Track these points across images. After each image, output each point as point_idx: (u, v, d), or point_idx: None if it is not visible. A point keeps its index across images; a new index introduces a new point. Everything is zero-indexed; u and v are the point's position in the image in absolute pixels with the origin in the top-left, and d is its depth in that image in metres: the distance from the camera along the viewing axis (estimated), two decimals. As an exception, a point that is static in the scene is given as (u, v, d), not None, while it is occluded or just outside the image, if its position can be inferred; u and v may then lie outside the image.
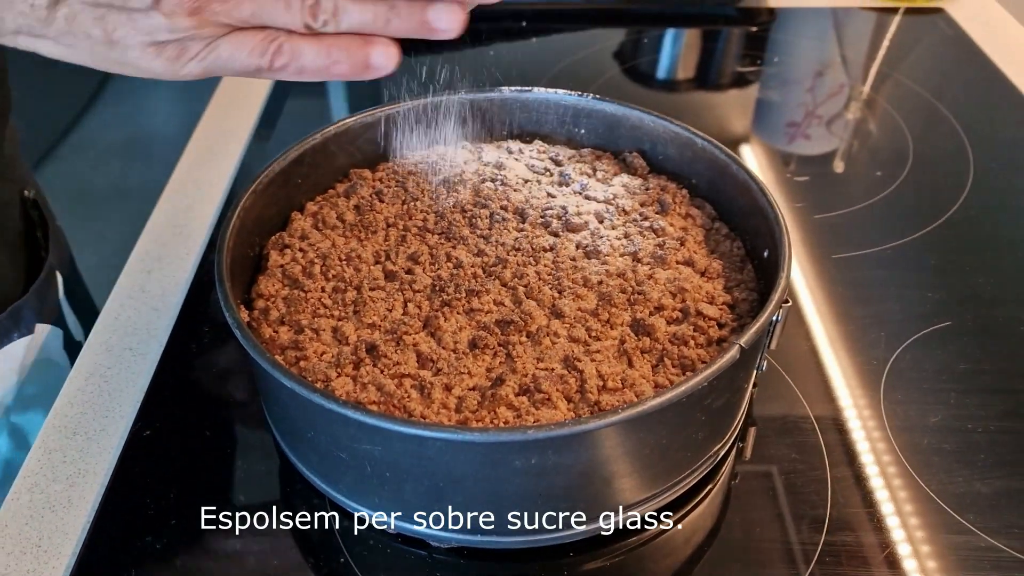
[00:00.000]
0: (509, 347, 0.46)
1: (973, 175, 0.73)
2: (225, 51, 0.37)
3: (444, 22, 0.37)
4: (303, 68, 0.37)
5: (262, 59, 0.37)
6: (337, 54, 0.37)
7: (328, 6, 0.36)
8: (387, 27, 0.37)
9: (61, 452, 0.51)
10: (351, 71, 0.38)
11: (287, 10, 0.36)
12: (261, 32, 0.37)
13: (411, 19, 0.37)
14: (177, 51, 0.37)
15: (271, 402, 0.49)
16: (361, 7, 0.36)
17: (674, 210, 0.56)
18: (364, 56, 0.37)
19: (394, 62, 0.38)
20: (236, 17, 0.36)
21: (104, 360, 0.57)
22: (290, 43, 0.37)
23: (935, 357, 0.56)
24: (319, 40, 0.37)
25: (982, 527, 0.47)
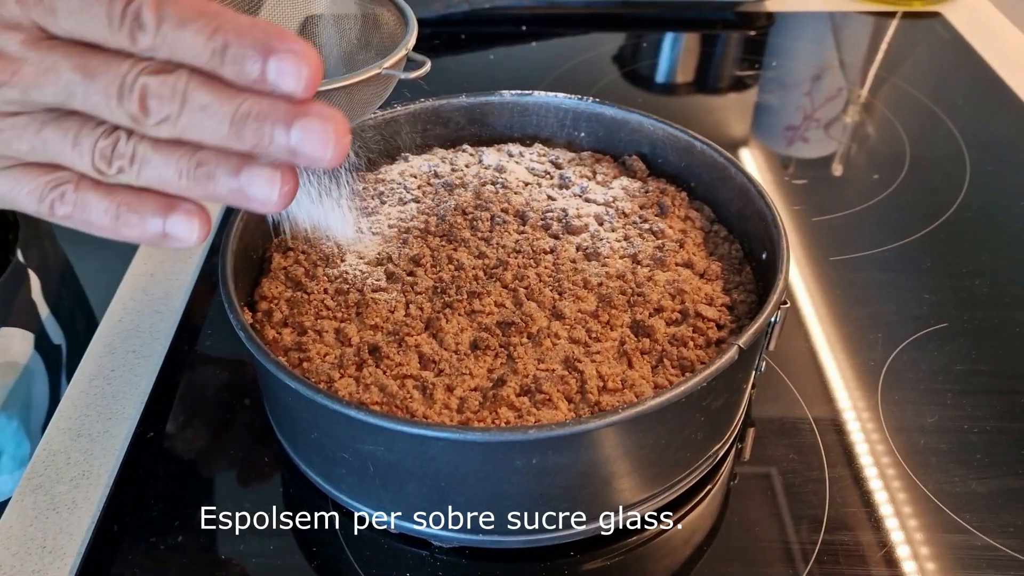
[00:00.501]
0: (510, 348, 0.46)
1: (969, 178, 0.73)
2: (3, 186, 0.31)
3: (260, 190, 0.30)
4: (89, 223, 0.31)
5: (41, 204, 0.31)
6: (127, 216, 0.30)
7: (126, 151, 0.29)
8: (191, 187, 0.30)
9: (65, 454, 0.51)
10: (142, 236, 0.31)
11: (74, 148, 0.30)
12: (48, 172, 0.31)
13: (221, 181, 0.30)
14: None
15: (274, 403, 0.49)
16: (164, 158, 0.29)
17: (673, 212, 0.56)
18: (159, 222, 0.30)
19: (197, 235, 0.31)
20: (13, 149, 0.30)
21: (107, 363, 0.57)
22: (77, 192, 0.30)
23: (932, 358, 0.57)
24: (111, 193, 0.30)
25: (978, 526, 0.47)
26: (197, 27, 0.27)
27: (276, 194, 0.30)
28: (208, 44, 0.28)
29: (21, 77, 0.29)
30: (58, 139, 0.30)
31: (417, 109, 0.61)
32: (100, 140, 0.29)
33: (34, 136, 0.30)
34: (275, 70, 0.28)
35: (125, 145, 0.29)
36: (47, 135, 0.30)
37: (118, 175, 0.30)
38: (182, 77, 0.28)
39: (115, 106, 0.28)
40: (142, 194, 0.30)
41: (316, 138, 0.28)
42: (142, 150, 0.29)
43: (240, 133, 0.28)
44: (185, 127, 0.28)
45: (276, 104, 0.28)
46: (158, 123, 0.28)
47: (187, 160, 0.29)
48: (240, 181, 0.29)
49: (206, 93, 0.28)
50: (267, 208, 0.30)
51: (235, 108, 0.28)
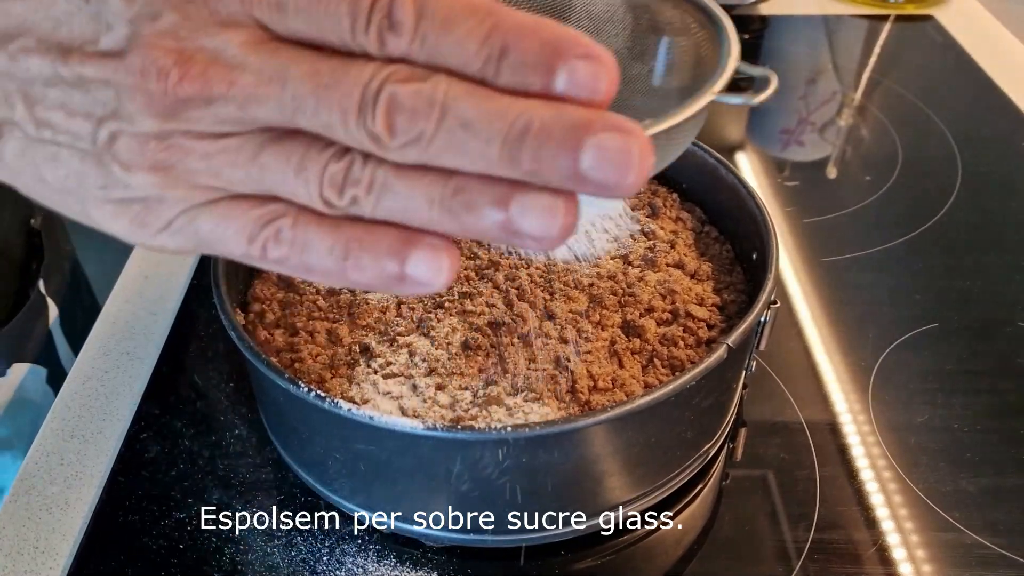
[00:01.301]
0: (501, 348, 0.47)
1: (961, 180, 0.74)
2: (205, 226, 0.25)
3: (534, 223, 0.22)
4: (309, 267, 0.25)
5: (251, 246, 0.25)
6: (358, 256, 0.24)
7: (362, 177, 0.23)
8: (444, 221, 0.23)
9: (59, 454, 0.51)
10: (374, 282, 0.24)
11: (298, 176, 0.24)
12: (260, 205, 0.25)
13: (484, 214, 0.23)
14: (142, 214, 0.26)
15: (267, 404, 0.49)
16: (411, 185, 0.23)
17: (665, 214, 0.56)
18: (398, 264, 0.24)
19: (445, 277, 0.24)
20: (225, 179, 0.24)
21: (101, 363, 0.57)
22: (295, 228, 0.24)
23: (922, 358, 0.57)
24: (336, 229, 0.24)
25: (968, 524, 0.47)
26: (468, 27, 0.22)
27: (557, 227, 0.23)
28: (481, 49, 0.22)
29: (240, 88, 0.23)
30: (279, 165, 0.24)
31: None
32: (331, 164, 0.23)
33: (250, 162, 0.24)
34: (565, 81, 0.22)
35: (361, 170, 0.23)
36: (266, 160, 0.24)
37: (352, 206, 0.24)
38: (440, 85, 0.22)
39: (353, 124, 0.22)
40: (374, 228, 0.24)
41: (614, 160, 0.21)
42: (382, 176, 0.23)
43: (515, 156, 0.22)
44: (440, 149, 0.22)
45: (562, 114, 0.22)
46: (404, 145, 0.22)
47: (440, 187, 0.23)
48: (510, 213, 0.22)
49: (471, 106, 0.22)
50: (542, 245, 0.23)
51: (510, 123, 0.22)
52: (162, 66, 0.23)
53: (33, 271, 0.64)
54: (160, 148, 0.24)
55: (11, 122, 0.25)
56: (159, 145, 0.24)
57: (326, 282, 0.27)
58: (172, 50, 0.23)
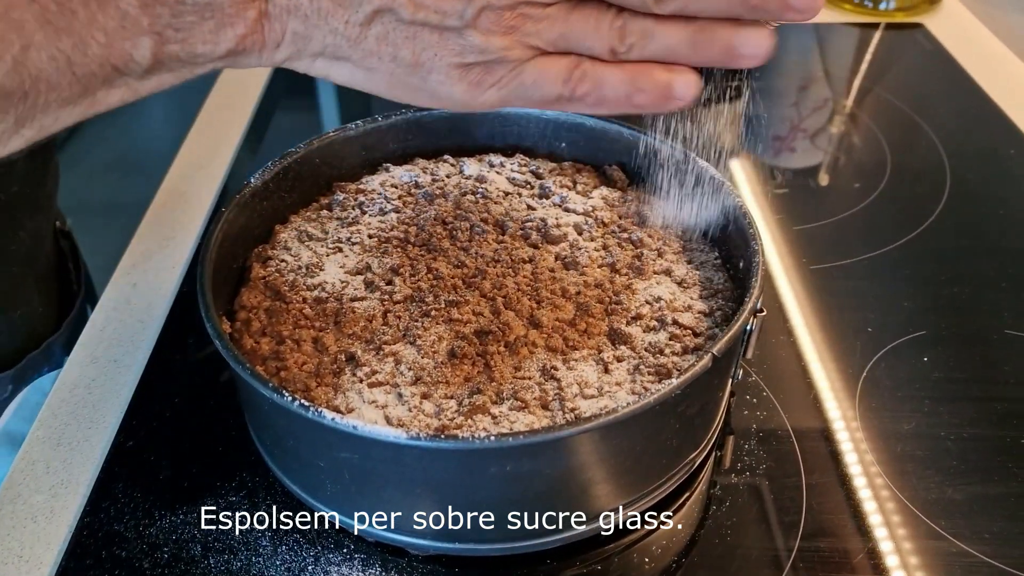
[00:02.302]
0: (487, 356, 0.47)
1: (949, 187, 0.74)
2: (529, 77, 0.35)
3: (751, 47, 0.34)
4: (604, 97, 0.36)
5: (565, 87, 0.35)
6: (642, 81, 0.35)
7: (635, 28, 0.34)
8: (692, 54, 0.35)
9: (44, 463, 0.51)
10: (653, 101, 0.36)
11: (595, 32, 0.34)
12: (565, 58, 0.35)
13: (716, 44, 0.34)
14: (481, 75, 0.35)
15: (252, 412, 0.49)
16: (669, 31, 0.34)
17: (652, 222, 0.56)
18: (667, 84, 0.35)
19: (694, 91, 0.36)
20: (546, 39, 0.34)
21: (89, 371, 0.57)
22: (594, 70, 0.35)
23: (910, 366, 0.57)
24: (622, 67, 0.35)
25: (954, 533, 0.47)
26: None
27: (766, 46, 0.35)
28: None
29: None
30: (582, 24, 0.34)
31: (398, 120, 0.61)
32: (615, 20, 0.34)
33: (563, 23, 0.34)
34: None
35: (634, 24, 0.34)
36: (574, 21, 0.34)
37: (628, 52, 0.35)
38: None
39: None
40: (645, 64, 0.35)
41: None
42: (649, 26, 0.34)
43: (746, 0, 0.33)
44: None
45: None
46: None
47: (690, 30, 0.34)
48: (736, 40, 0.34)
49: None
50: (756, 61, 0.35)
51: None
52: None
53: (72, 270, 0.66)
54: (512, 16, 0.33)
55: (387, 9, 0.33)
56: (512, 14, 0.33)
57: (615, 108, 0.37)
58: None
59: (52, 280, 0.64)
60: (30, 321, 0.62)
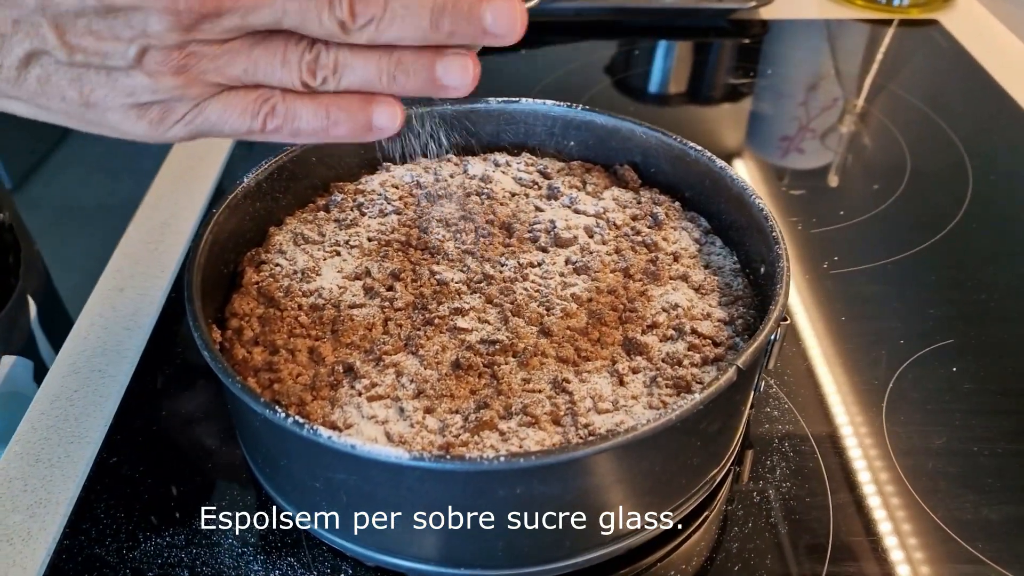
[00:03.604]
0: (494, 367, 0.44)
1: (972, 187, 0.71)
2: (214, 113, 0.33)
3: (454, 77, 0.33)
4: (298, 130, 0.34)
5: (254, 121, 0.34)
6: (336, 115, 0.34)
7: (328, 61, 0.33)
8: (391, 85, 0.33)
9: (22, 480, 0.48)
10: (351, 133, 0.34)
11: (283, 67, 0.33)
12: (253, 91, 0.33)
13: (418, 75, 0.33)
14: (161, 113, 0.33)
15: (243, 428, 0.46)
16: (364, 62, 0.33)
17: (667, 224, 0.54)
18: (366, 117, 0.34)
19: (398, 122, 0.35)
20: (228, 75, 0.33)
21: (71, 383, 0.54)
22: (285, 103, 0.34)
23: (938, 376, 0.54)
24: (316, 99, 0.34)
25: (991, 556, 0.44)
26: None
27: (470, 77, 0.33)
28: None
29: (243, 1, 0.30)
30: (268, 59, 0.32)
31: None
32: (305, 54, 0.32)
33: (246, 59, 0.32)
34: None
35: (327, 56, 0.32)
36: (257, 56, 0.32)
37: (323, 85, 0.33)
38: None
39: (326, 15, 0.31)
40: (343, 96, 0.34)
41: (507, 15, 0.32)
42: (343, 57, 0.33)
43: (439, 23, 0.31)
44: (387, 27, 0.31)
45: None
46: (363, 26, 0.31)
47: (387, 60, 0.33)
48: (437, 72, 0.33)
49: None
50: (460, 92, 0.33)
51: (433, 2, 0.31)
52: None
53: (11, 264, 0.64)
54: (181, 56, 0.31)
55: (41, 52, 0.31)
56: (180, 54, 0.31)
57: (313, 140, 0.35)
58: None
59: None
60: None
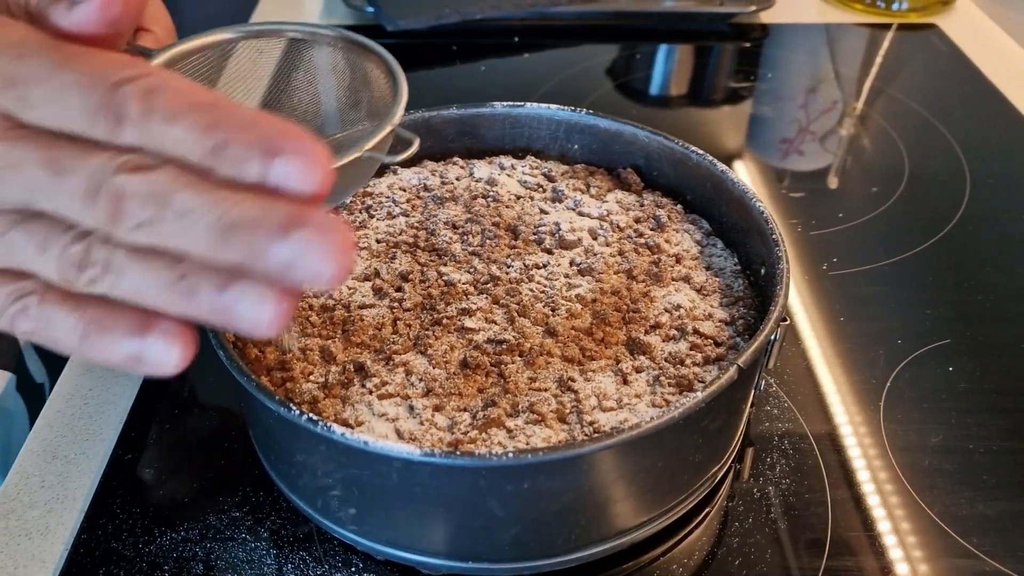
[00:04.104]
0: (501, 367, 0.45)
1: (970, 190, 0.72)
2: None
3: (246, 309, 0.25)
4: (56, 341, 0.26)
5: (2, 320, 0.27)
6: (96, 336, 0.26)
7: (98, 259, 0.25)
8: (172, 303, 0.25)
9: (39, 477, 0.49)
10: (112, 360, 0.26)
11: (41, 255, 0.25)
12: (11, 281, 0.26)
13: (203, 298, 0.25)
14: None
15: (257, 425, 0.47)
16: (142, 269, 0.25)
17: (669, 226, 0.55)
18: (134, 347, 0.26)
19: (176, 361, 0.26)
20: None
21: (85, 381, 0.55)
22: (41, 306, 0.26)
23: (935, 376, 0.55)
24: (78, 308, 0.26)
25: (987, 551, 0.45)
26: (190, 122, 0.24)
27: (266, 315, 0.25)
28: (203, 141, 0.24)
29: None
30: (23, 243, 0.26)
31: (404, 121, 0.59)
32: (71, 246, 0.25)
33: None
34: (280, 173, 0.24)
35: (98, 252, 0.25)
36: (12, 239, 0.26)
37: (90, 286, 0.25)
38: (165, 175, 0.24)
39: (85, 207, 0.24)
40: (115, 310, 0.26)
41: (315, 252, 0.24)
42: (118, 259, 0.25)
43: (227, 243, 0.24)
44: (166, 234, 0.24)
45: (271, 210, 0.24)
46: (134, 228, 0.24)
47: (167, 272, 0.25)
48: (225, 299, 0.25)
49: (191, 196, 0.24)
50: (257, 331, 0.25)
51: (222, 214, 0.24)
52: None
53: None
54: None
55: None
56: None
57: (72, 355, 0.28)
58: None
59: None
60: None
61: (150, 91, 0.24)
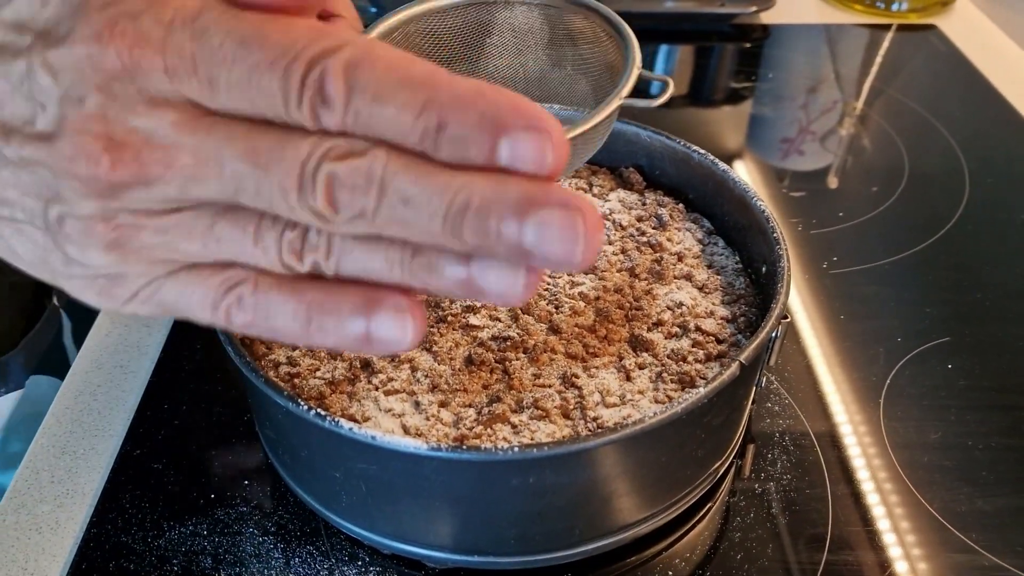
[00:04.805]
0: (506, 363, 0.45)
1: (969, 190, 0.73)
2: (170, 295, 0.25)
3: (496, 282, 0.22)
4: (275, 330, 0.24)
5: (215, 313, 0.25)
6: (320, 319, 0.24)
7: (319, 243, 0.23)
8: (411, 279, 0.23)
9: (49, 472, 0.50)
10: (339, 344, 0.24)
11: (256, 245, 0.23)
12: (220, 272, 0.24)
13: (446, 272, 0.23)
14: (107, 287, 0.25)
15: (264, 420, 0.48)
16: (369, 249, 0.23)
17: (671, 225, 0.55)
18: (360, 326, 0.24)
19: (411, 336, 0.24)
20: (182, 252, 0.24)
21: (94, 378, 0.56)
22: (256, 294, 0.24)
23: (934, 373, 0.56)
24: (297, 292, 0.24)
25: (985, 546, 0.46)
26: (401, 101, 0.21)
27: (519, 286, 0.22)
28: (417, 123, 0.21)
29: (177, 171, 0.22)
30: (236, 236, 0.23)
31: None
32: (286, 232, 0.23)
33: (205, 234, 0.23)
34: (508, 154, 0.21)
35: (317, 237, 0.23)
36: (221, 232, 0.23)
37: (312, 270, 0.24)
38: (379, 161, 0.21)
39: (295, 201, 0.22)
40: (336, 290, 0.24)
41: (559, 235, 0.21)
42: (339, 241, 0.23)
43: (457, 231, 0.21)
44: (385, 224, 0.22)
45: (504, 190, 0.21)
46: (349, 220, 0.22)
47: (399, 250, 0.23)
48: (471, 272, 0.22)
49: (410, 181, 0.21)
50: (508, 303, 0.23)
51: (450, 200, 0.21)
52: (90, 152, 0.22)
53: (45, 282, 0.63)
54: (108, 229, 0.24)
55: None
56: (106, 226, 0.23)
57: (293, 343, 0.26)
58: (100, 134, 0.22)
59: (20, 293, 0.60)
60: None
61: (354, 66, 0.21)
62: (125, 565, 0.45)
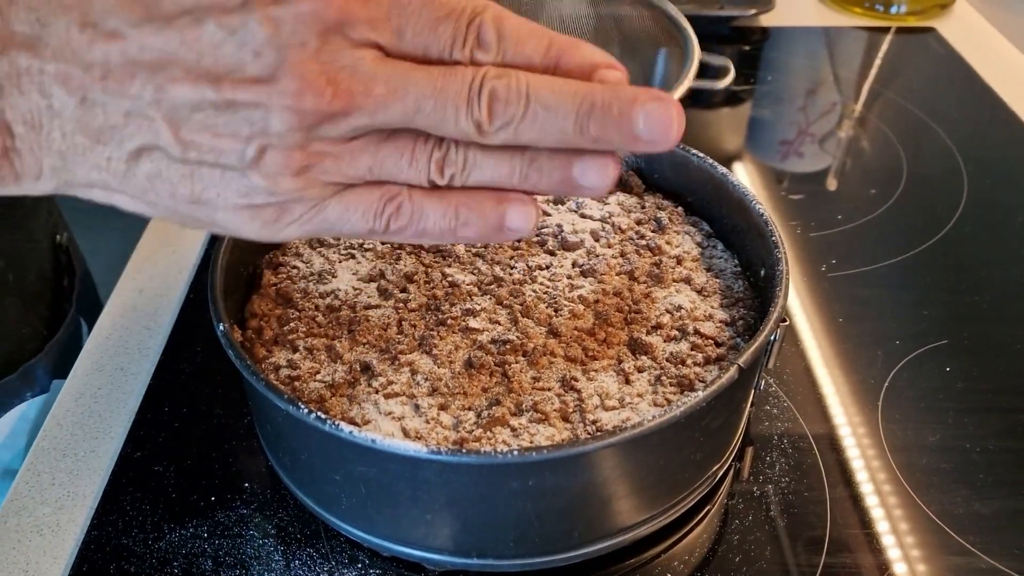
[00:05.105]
0: (505, 366, 0.45)
1: (967, 193, 0.73)
2: (333, 213, 0.31)
3: (592, 178, 0.30)
4: (424, 231, 0.31)
5: (377, 221, 0.31)
6: (466, 215, 0.31)
7: (458, 159, 0.30)
8: (524, 182, 0.31)
9: (50, 474, 0.50)
10: (481, 234, 0.32)
11: (411, 165, 0.30)
12: (377, 188, 0.31)
13: (553, 175, 0.31)
14: (276, 214, 0.31)
15: (264, 423, 0.48)
16: (496, 161, 0.30)
17: (670, 228, 0.55)
18: (498, 217, 0.31)
19: (532, 223, 0.32)
20: (350, 175, 0.30)
21: (94, 380, 0.56)
22: (411, 201, 0.31)
23: (932, 376, 0.56)
24: (444, 197, 0.31)
25: (983, 548, 0.46)
26: (534, 44, 0.29)
27: (609, 179, 0.31)
28: (545, 58, 0.29)
29: (374, 99, 0.28)
30: (395, 158, 0.30)
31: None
32: (434, 152, 0.30)
33: (372, 157, 0.30)
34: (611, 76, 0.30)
35: (456, 153, 0.30)
36: (384, 155, 0.30)
37: (451, 182, 0.31)
38: (523, 78, 0.29)
39: (464, 115, 0.29)
40: (473, 194, 0.31)
41: (661, 121, 0.29)
42: (474, 156, 0.30)
43: (584, 127, 0.29)
44: (526, 129, 0.29)
45: (617, 94, 0.29)
46: (499, 128, 0.29)
47: (519, 159, 0.30)
48: (574, 171, 0.30)
49: (548, 91, 0.29)
50: (597, 194, 0.31)
51: (579, 103, 0.29)
52: (317, 86, 0.28)
53: (66, 287, 0.64)
54: (304, 156, 0.29)
55: (153, 147, 0.29)
56: (302, 154, 0.29)
57: (440, 240, 0.32)
58: (321, 72, 0.28)
59: (42, 298, 0.62)
60: (6, 343, 0.59)
61: (500, 19, 0.29)
62: (126, 567, 0.45)
